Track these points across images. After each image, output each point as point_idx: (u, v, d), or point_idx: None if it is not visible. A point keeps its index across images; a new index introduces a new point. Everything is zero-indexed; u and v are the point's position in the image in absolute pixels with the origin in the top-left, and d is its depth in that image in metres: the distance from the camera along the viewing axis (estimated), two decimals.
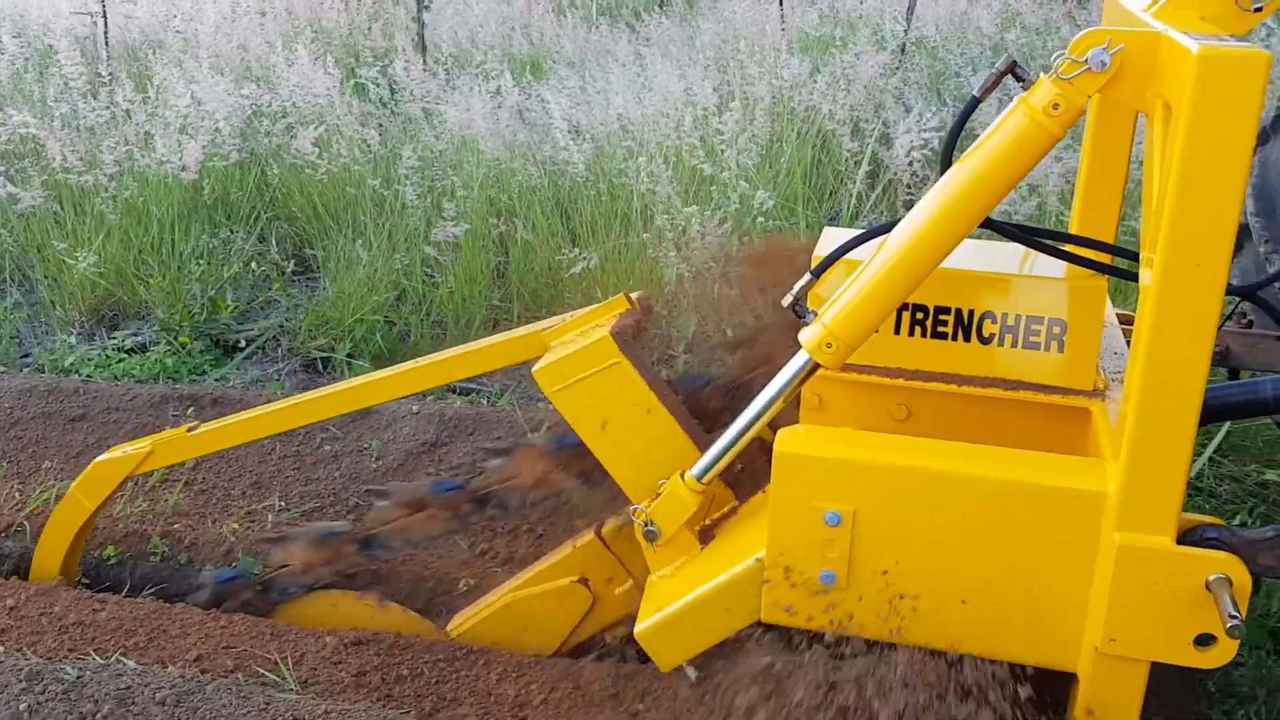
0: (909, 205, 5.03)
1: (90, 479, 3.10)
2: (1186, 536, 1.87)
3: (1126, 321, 2.69)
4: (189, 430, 3.09)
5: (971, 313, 2.28)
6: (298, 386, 4.72)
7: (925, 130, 4.86)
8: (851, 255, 2.22)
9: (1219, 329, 2.64)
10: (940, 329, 2.30)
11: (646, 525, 2.32)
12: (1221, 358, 2.80)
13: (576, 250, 4.99)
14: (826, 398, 2.34)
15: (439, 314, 5.06)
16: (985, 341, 2.29)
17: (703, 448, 2.45)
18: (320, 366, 4.86)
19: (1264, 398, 2.44)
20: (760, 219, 4.82)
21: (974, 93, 2.00)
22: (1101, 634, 1.90)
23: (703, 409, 2.79)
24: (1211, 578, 1.83)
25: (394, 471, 3.92)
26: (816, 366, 2.05)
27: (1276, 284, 2.61)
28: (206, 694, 2.40)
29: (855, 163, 5.25)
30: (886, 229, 2.06)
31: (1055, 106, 1.83)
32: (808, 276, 2.18)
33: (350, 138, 5.71)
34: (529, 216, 5.33)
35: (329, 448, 3.99)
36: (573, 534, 3.01)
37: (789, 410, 2.28)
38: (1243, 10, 2.01)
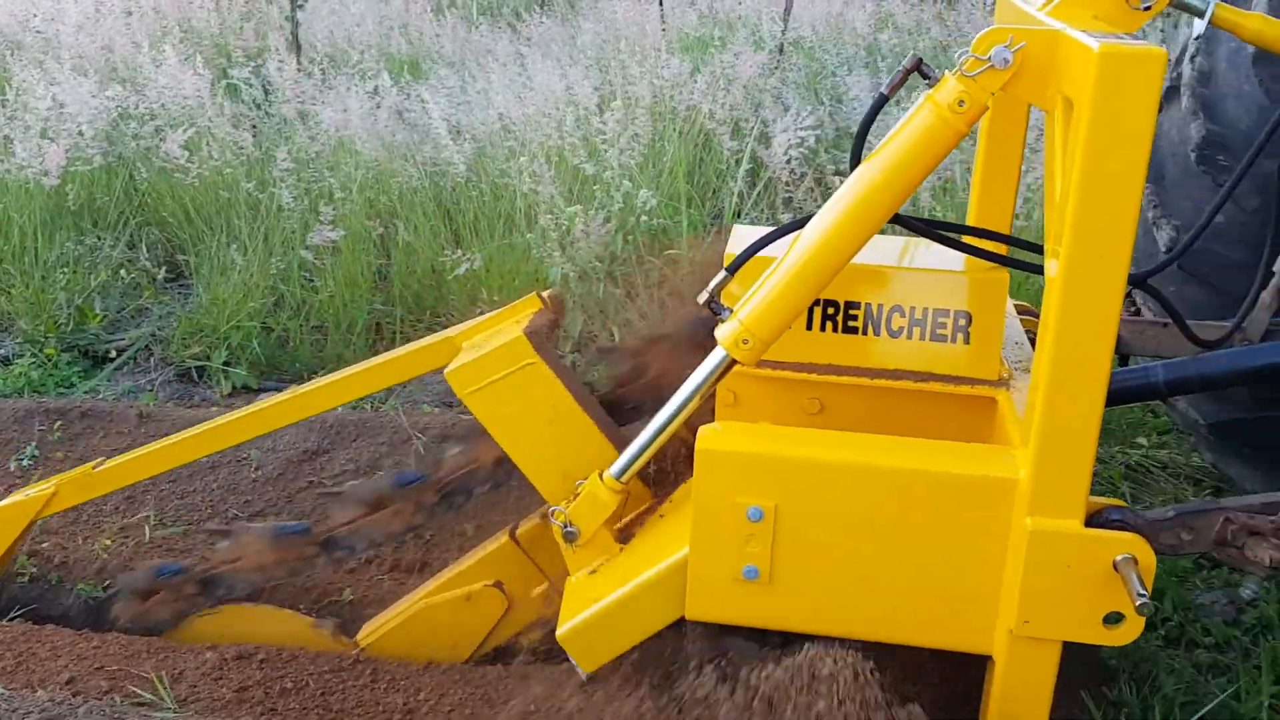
0: (788, 203, 5.12)
1: None
2: (1093, 519, 1.94)
3: (1024, 312, 2.77)
4: (94, 468, 2.97)
5: (881, 307, 2.33)
6: (172, 397, 4.58)
7: (802, 129, 4.94)
8: (764, 252, 2.23)
9: None
10: (851, 324, 2.35)
11: (565, 526, 2.30)
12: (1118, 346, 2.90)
13: (460, 251, 4.94)
14: (741, 394, 2.35)
15: (319, 319, 4.96)
16: (895, 335, 2.34)
17: (619, 446, 2.44)
18: (195, 376, 4.72)
19: (1156, 383, 2.55)
20: (644, 218, 4.84)
21: (882, 90, 2.05)
22: (1016, 616, 1.96)
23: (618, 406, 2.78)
24: (1118, 558, 1.90)
25: (274, 481, 3.83)
26: (733, 363, 2.07)
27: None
28: (78, 717, 2.31)
29: (736, 161, 5.31)
30: (799, 226, 2.09)
31: (960, 103, 1.88)
32: (723, 274, 2.19)
33: (222, 140, 5.56)
34: (410, 218, 5.27)
35: (204, 459, 3.86)
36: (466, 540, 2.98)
37: (704, 408, 2.28)
38: (1132, 9, 2.10)
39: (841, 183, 5.13)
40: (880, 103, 2.06)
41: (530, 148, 5.26)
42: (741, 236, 2.43)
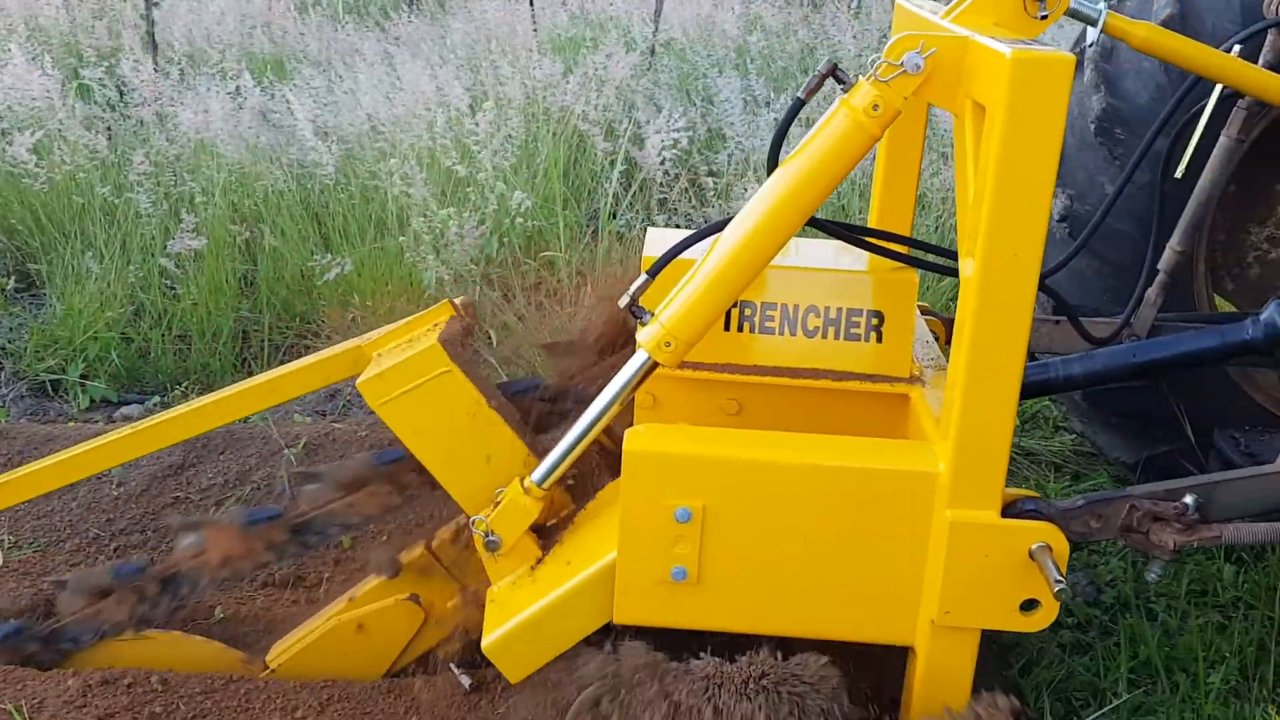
0: (663, 204, 5.15)
1: None
2: (1008, 510, 2.00)
3: (925, 313, 2.84)
4: None
5: (797, 307, 2.36)
6: (25, 413, 4.35)
7: (675, 130, 4.97)
8: (683, 255, 2.24)
9: None
10: (768, 324, 2.38)
11: (487, 535, 2.26)
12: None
13: (330, 256, 4.83)
14: (660, 396, 2.34)
15: (182, 328, 4.78)
16: (810, 335, 2.37)
17: (536, 452, 2.42)
18: (51, 390, 4.49)
19: (1054, 378, 2.65)
20: (519, 220, 4.80)
21: (798, 94, 2.08)
22: (937, 607, 2.01)
23: (527, 413, 2.72)
24: (1034, 546, 1.97)
25: (137, 498, 3.67)
26: (655, 365, 2.07)
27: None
28: None
29: (610, 163, 5.31)
30: (718, 228, 2.10)
31: (875, 107, 1.93)
32: (643, 278, 2.19)
33: (74, 143, 5.31)
34: (276, 222, 5.12)
35: None
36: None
37: (623, 412, 2.26)
38: (1031, 17, 2.18)
39: (715, 184, 5.18)
40: (797, 106, 2.09)
41: (401, 149, 5.17)
42: (658, 239, 2.44)
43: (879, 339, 2.37)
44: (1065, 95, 1.78)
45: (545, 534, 2.35)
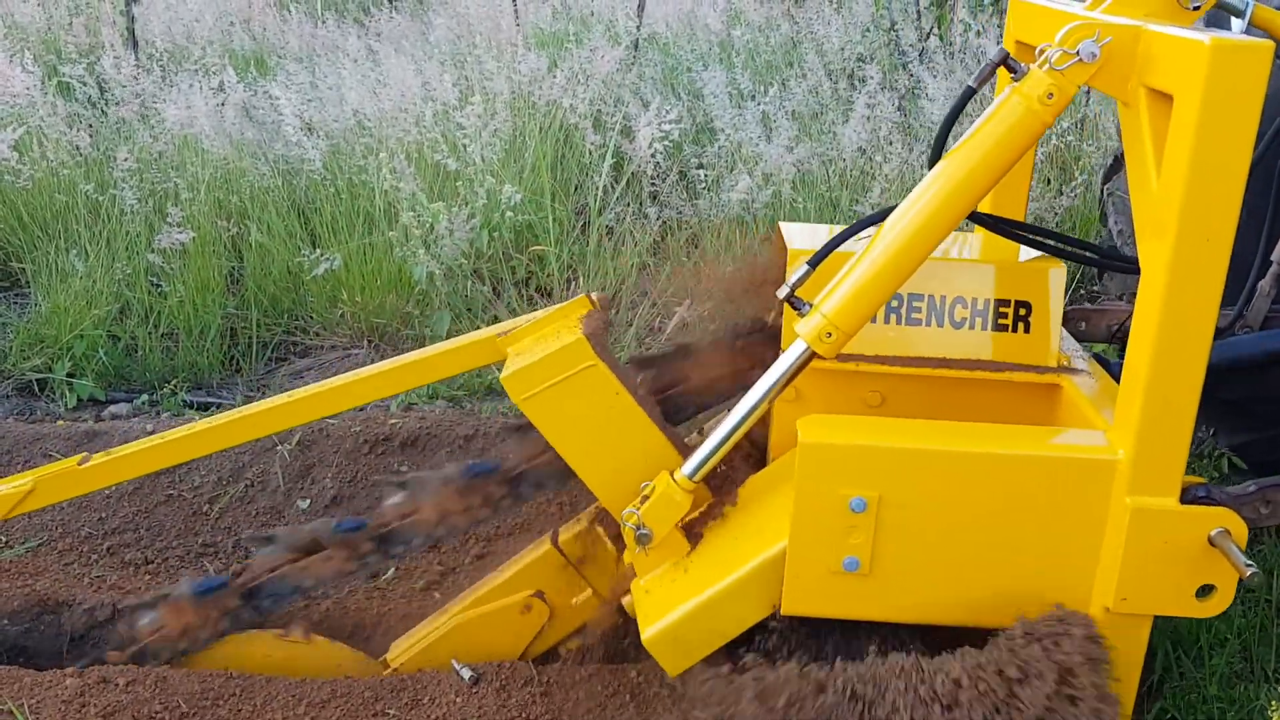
0: (654, 195, 5.13)
1: None
2: (1184, 496, 1.99)
3: None
4: (80, 463, 2.72)
5: (944, 298, 2.36)
6: (11, 412, 4.30)
7: (665, 123, 4.96)
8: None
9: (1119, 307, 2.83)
10: (915, 315, 2.37)
11: (639, 529, 2.23)
12: (1118, 334, 2.95)
13: (318, 251, 4.79)
14: (804, 389, 2.31)
15: (169, 325, 4.73)
16: (957, 326, 2.37)
17: (678, 445, 2.41)
18: (37, 389, 4.44)
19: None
20: (509, 213, 4.78)
21: (970, 83, 2.08)
22: (1113, 594, 2.01)
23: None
24: (1214, 532, 1.96)
25: (128, 497, 3.63)
26: (813, 356, 2.07)
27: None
28: None
29: (600, 155, 5.30)
30: (877, 220, 2.11)
31: (1050, 95, 1.94)
32: (805, 268, 2.18)
33: (56, 140, 5.25)
34: (263, 218, 5.08)
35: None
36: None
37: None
38: (1184, 9, 2.17)
39: (704, 175, 5.16)
40: (968, 95, 2.10)
41: (388, 144, 5.13)
42: (797, 233, 2.46)
43: (1026, 329, 2.37)
44: (1263, 82, 1.78)
45: (688, 528, 2.32)
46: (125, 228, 4.88)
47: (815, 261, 2.21)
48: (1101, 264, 2.64)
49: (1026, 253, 2.51)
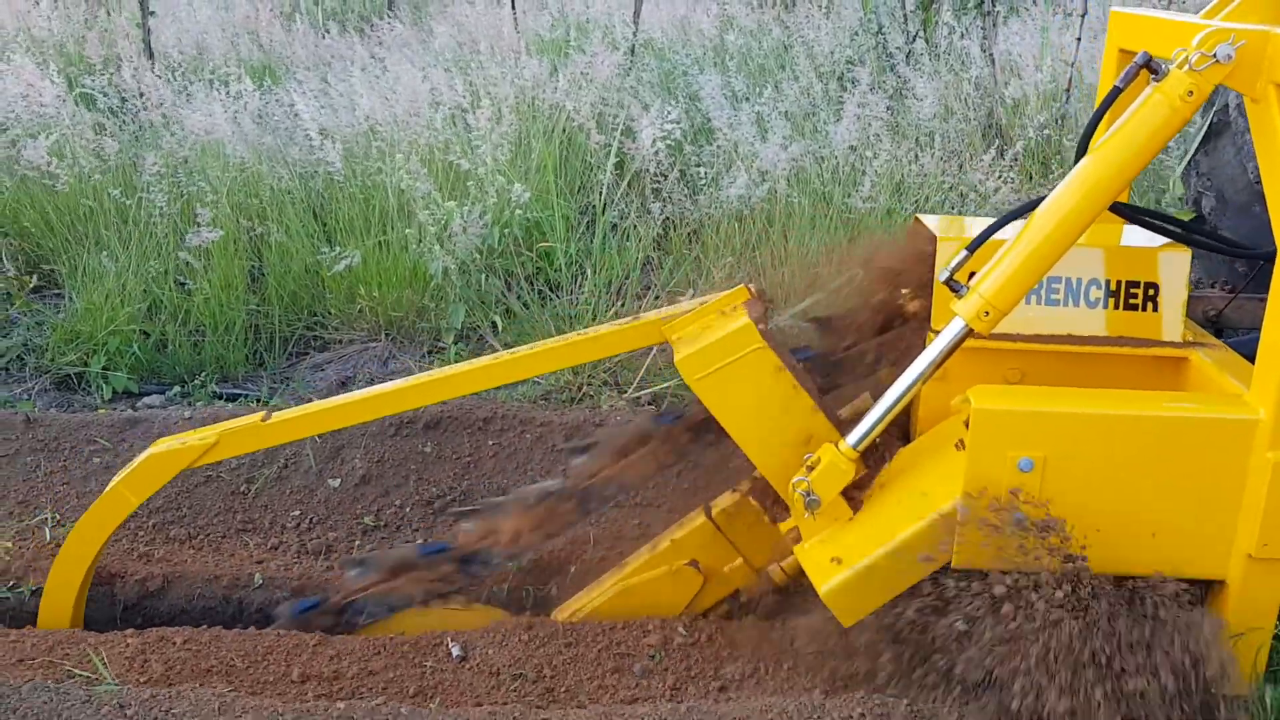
0: (656, 192, 5.38)
1: (141, 473, 2.90)
2: None
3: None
4: (263, 419, 2.95)
5: (1080, 280, 2.59)
6: (51, 405, 4.53)
7: (667, 123, 5.21)
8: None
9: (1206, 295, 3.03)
10: (1053, 297, 2.60)
11: (808, 495, 2.45)
12: (1214, 320, 3.17)
13: (336, 250, 5.03)
14: (949, 368, 2.48)
15: (196, 322, 4.97)
16: (1091, 305, 2.60)
17: (832, 418, 2.65)
18: (74, 383, 4.67)
19: None
20: (518, 211, 5.02)
21: (1117, 84, 2.29)
22: (1256, 541, 2.23)
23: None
24: None
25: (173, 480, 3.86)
26: (970, 333, 2.30)
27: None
28: (23, 694, 2.36)
29: (604, 156, 5.54)
30: (1030, 208, 2.32)
31: (1189, 93, 2.17)
32: (964, 253, 2.40)
33: (84, 148, 5.49)
34: (282, 219, 5.31)
35: (98, 460, 3.88)
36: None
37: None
38: None
39: (705, 173, 5.40)
40: (1114, 95, 2.31)
41: (400, 146, 5.37)
42: (937, 223, 2.72)
43: (1155, 308, 2.60)
44: None
45: (848, 494, 2.54)
46: (154, 230, 5.11)
47: (973, 247, 2.42)
48: (1225, 252, 2.92)
49: (1130, 238, 2.73)
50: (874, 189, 5.13)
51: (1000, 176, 5.30)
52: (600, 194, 5.35)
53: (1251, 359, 2.45)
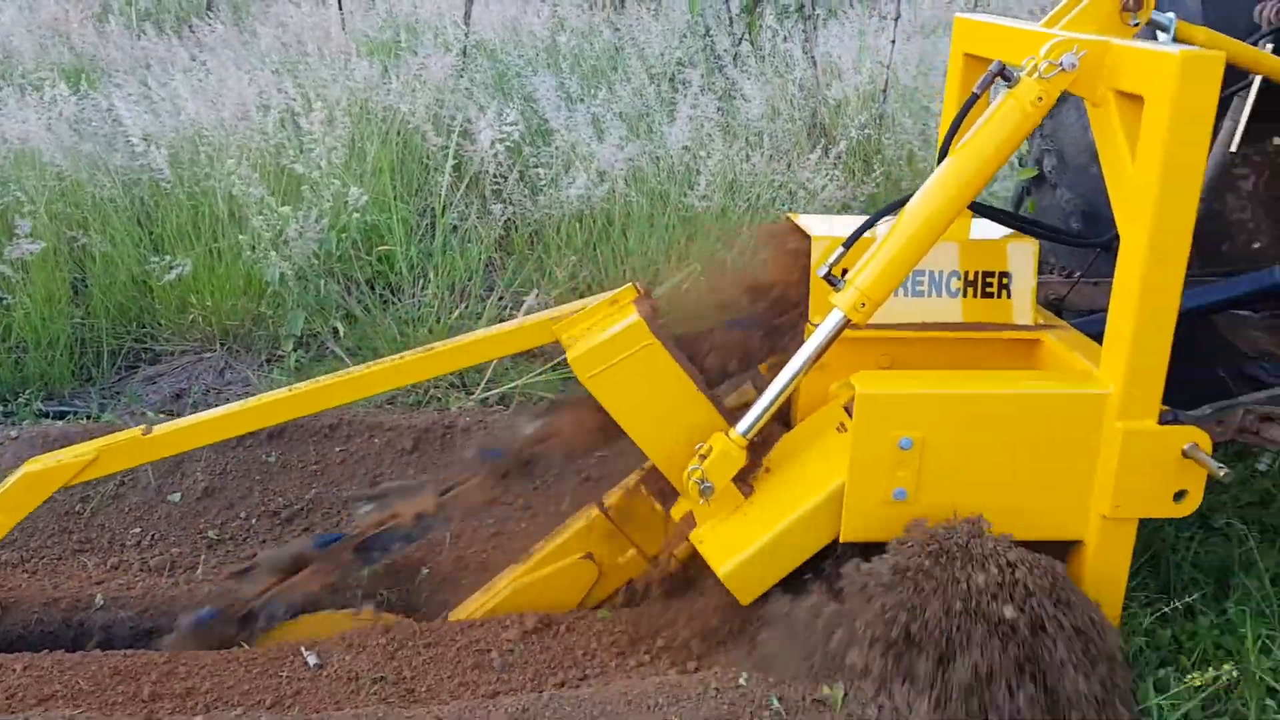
0: (497, 194, 5.41)
1: (15, 493, 2.77)
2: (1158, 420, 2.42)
3: None
4: (144, 432, 2.82)
5: (942, 272, 2.76)
6: None
7: (506, 125, 5.24)
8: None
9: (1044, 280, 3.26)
10: (918, 288, 2.76)
11: (702, 483, 2.56)
12: (1057, 304, 3.36)
13: (167, 259, 4.88)
14: (825, 356, 2.58)
15: (17, 338, 4.74)
16: (953, 295, 2.77)
17: (720, 410, 2.74)
18: None
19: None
20: (356, 214, 4.97)
21: (975, 90, 2.44)
22: (1109, 503, 2.46)
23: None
24: (1187, 446, 2.42)
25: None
26: (848, 323, 2.43)
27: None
28: None
29: (443, 157, 5.53)
30: (898, 206, 2.48)
31: (1039, 99, 2.34)
32: (841, 250, 2.55)
33: None
34: (106, 229, 5.12)
35: None
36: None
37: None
38: (1125, 25, 2.66)
39: (544, 174, 5.49)
40: (973, 101, 2.47)
41: (229, 151, 5.25)
42: (813, 222, 2.87)
43: (1009, 295, 2.80)
44: (1218, 85, 2.23)
45: (739, 480, 2.66)
46: None
47: (849, 243, 2.58)
48: (1064, 242, 3.19)
49: (978, 232, 2.93)
50: (709, 187, 5.29)
51: (826, 174, 5.52)
52: (439, 196, 5.34)
53: (1094, 339, 2.68)
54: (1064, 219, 3.82)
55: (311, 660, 2.91)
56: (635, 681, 2.60)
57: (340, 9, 7.79)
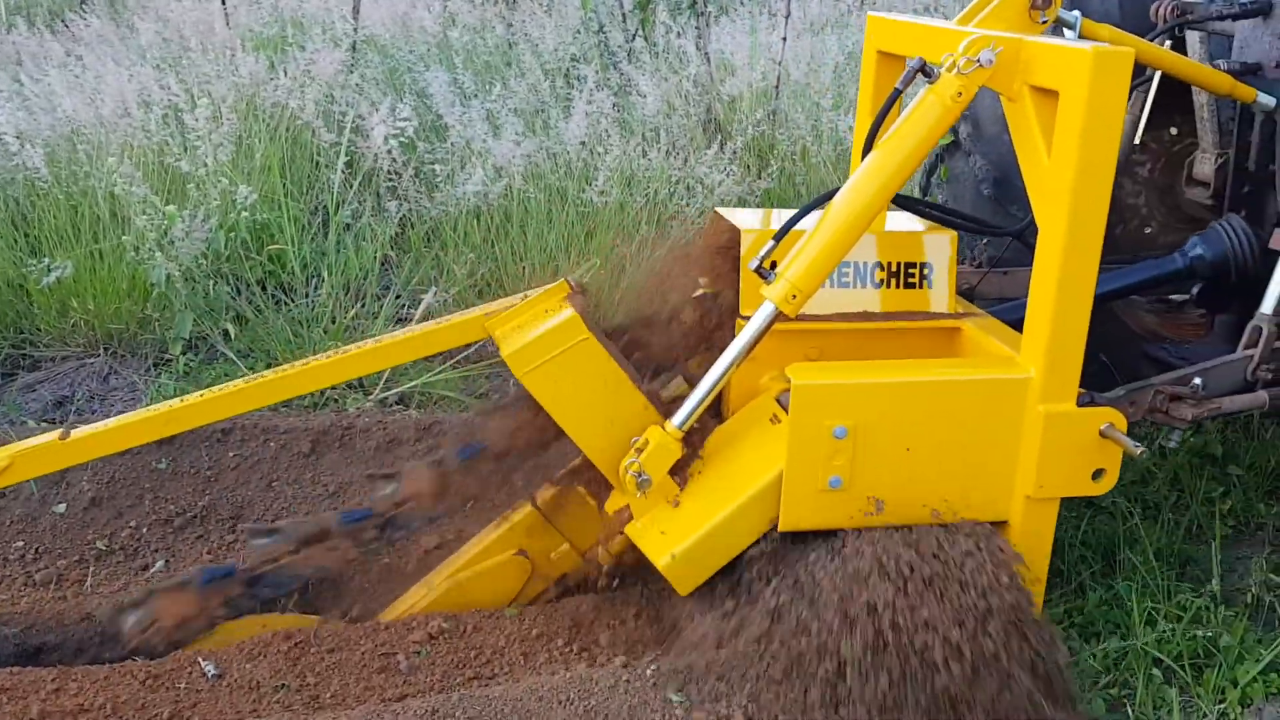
0: (392, 191, 5.33)
1: None
2: (1076, 402, 2.49)
3: None
4: (61, 437, 2.69)
5: (866, 264, 2.80)
6: None
7: (399, 121, 5.17)
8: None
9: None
10: (844, 280, 2.79)
11: (639, 475, 2.55)
12: (968, 293, 3.39)
13: (45, 261, 4.69)
14: (755, 349, 2.57)
15: None
16: (877, 286, 2.81)
17: (655, 403, 2.73)
18: None
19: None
20: (245, 213, 4.85)
21: (897, 86, 2.49)
22: (1033, 483, 2.53)
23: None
24: (1104, 426, 2.49)
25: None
26: (779, 316, 2.43)
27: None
28: None
29: (335, 154, 5.43)
30: (825, 200, 2.50)
31: (959, 94, 2.40)
32: (771, 243, 2.55)
33: None
34: None
35: None
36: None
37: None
38: (1034, 22, 2.73)
39: (440, 171, 5.44)
40: (895, 96, 2.53)
41: (112, 149, 5.07)
42: (739, 216, 2.90)
43: (930, 285, 2.85)
44: (1128, 79, 2.31)
45: (674, 472, 2.65)
46: None
47: (779, 237, 2.59)
48: (979, 231, 3.27)
49: (894, 224, 2.98)
50: (607, 183, 5.29)
51: (723, 170, 5.57)
52: (332, 193, 5.24)
53: (1011, 326, 2.80)
54: (976, 185, 3.93)
55: (210, 670, 2.83)
56: (545, 678, 2.59)
57: (223, 3, 7.60)
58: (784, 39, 6.51)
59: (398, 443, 3.92)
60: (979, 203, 3.93)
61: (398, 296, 4.90)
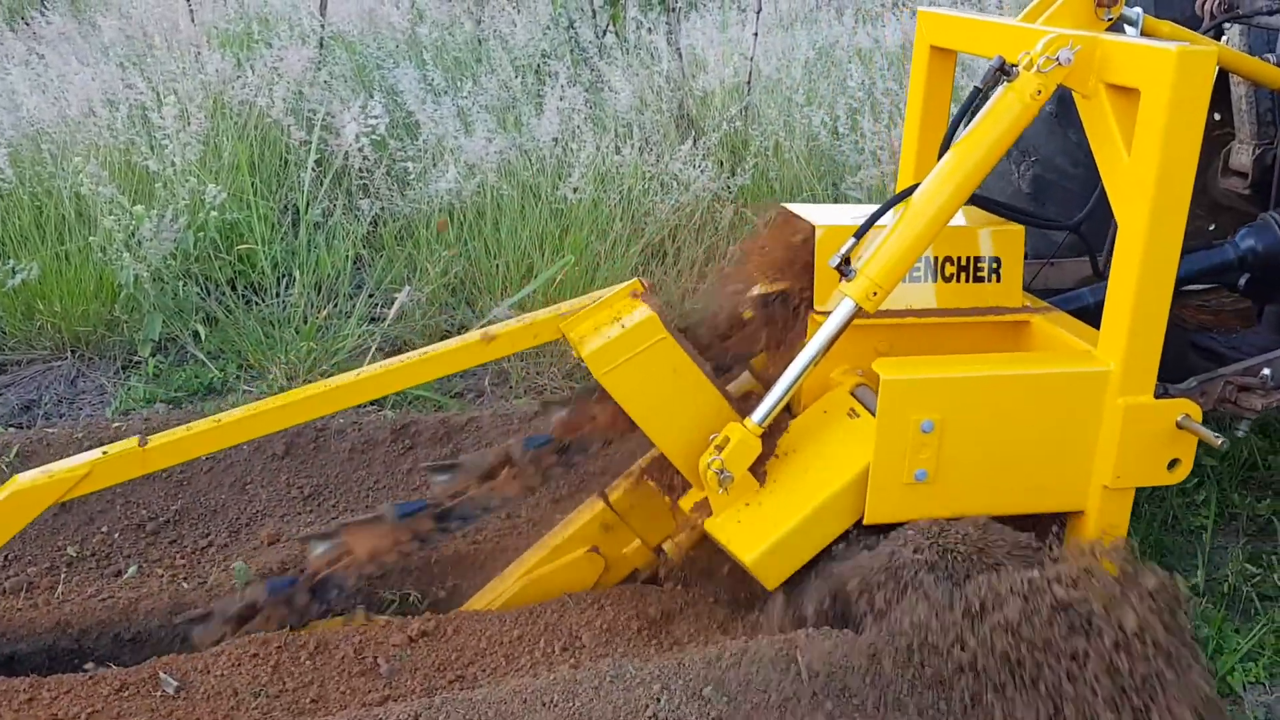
0: (364, 189, 5.28)
1: (4, 508, 2.58)
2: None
3: None
4: (140, 444, 2.66)
5: (936, 259, 2.80)
6: None
7: (370, 118, 5.12)
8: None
9: None
10: (915, 275, 2.79)
11: (721, 473, 2.57)
12: (1026, 287, 3.39)
13: (10, 263, 4.61)
14: None
15: None
16: (947, 280, 2.82)
17: (730, 400, 2.75)
18: None
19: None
20: (214, 213, 4.78)
21: (976, 84, 2.51)
22: (1111, 474, 2.56)
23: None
24: (1180, 418, 2.54)
25: None
26: (859, 312, 2.48)
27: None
28: None
29: (305, 152, 5.37)
30: (905, 197, 2.52)
31: (1038, 92, 2.44)
32: (852, 240, 2.54)
33: None
34: None
35: None
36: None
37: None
38: (1099, 19, 2.78)
39: (412, 168, 5.40)
40: (975, 95, 2.54)
41: (77, 148, 4.99)
42: (808, 212, 2.87)
43: (999, 279, 2.87)
44: (1212, 78, 2.35)
45: (753, 469, 2.66)
46: None
47: (860, 233, 2.58)
48: (1042, 226, 3.28)
49: (957, 219, 2.95)
50: (581, 179, 5.26)
51: (697, 166, 5.56)
52: (302, 192, 5.18)
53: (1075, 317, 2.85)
54: (1013, 182, 3.95)
55: (170, 687, 2.77)
56: (529, 680, 2.56)
57: (188, 1, 7.50)
58: (755, 34, 6.50)
59: (373, 444, 3.88)
60: (1016, 200, 3.94)
61: (370, 295, 4.85)
